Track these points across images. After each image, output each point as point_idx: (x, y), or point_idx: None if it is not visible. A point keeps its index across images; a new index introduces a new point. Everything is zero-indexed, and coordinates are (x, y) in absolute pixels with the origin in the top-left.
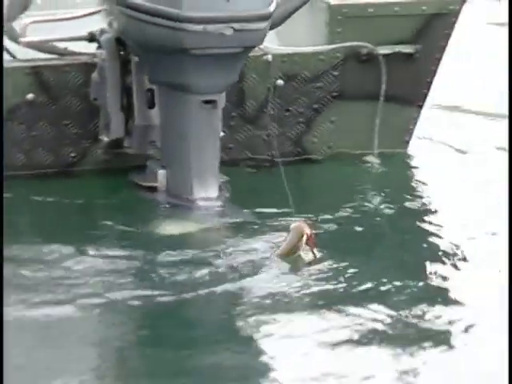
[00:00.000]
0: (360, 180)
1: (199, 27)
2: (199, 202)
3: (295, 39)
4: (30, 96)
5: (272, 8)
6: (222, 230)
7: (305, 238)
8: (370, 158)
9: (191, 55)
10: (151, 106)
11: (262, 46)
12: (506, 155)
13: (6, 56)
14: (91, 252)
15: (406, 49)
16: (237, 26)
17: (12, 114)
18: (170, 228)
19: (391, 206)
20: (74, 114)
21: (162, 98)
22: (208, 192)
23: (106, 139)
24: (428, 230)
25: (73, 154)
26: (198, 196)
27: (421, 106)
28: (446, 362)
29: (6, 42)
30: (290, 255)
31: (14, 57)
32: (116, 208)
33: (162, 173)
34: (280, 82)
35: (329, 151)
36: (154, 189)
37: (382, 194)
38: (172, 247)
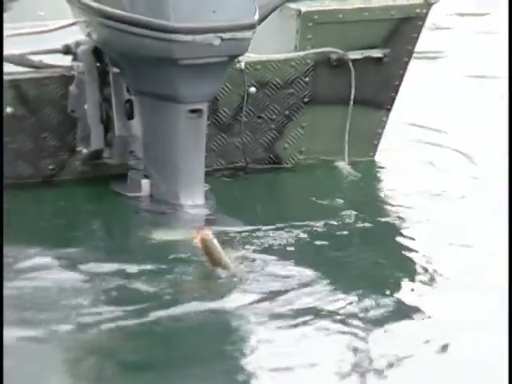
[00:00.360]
0: (332, 188)
1: (188, 37)
2: (186, 210)
3: (265, 47)
4: (9, 109)
5: (257, 17)
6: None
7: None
8: (340, 164)
9: (178, 65)
10: (130, 116)
11: None
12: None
13: None
14: (73, 263)
15: (376, 53)
16: (225, 35)
17: None
18: (157, 236)
19: (363, 213)
20: (53, 126)
21: (145, 108)
22: (195, 199)
23: (84, 151)
24: (401, 243)
25: (51, 167)
26: (185, 203)
27: (389, 110)
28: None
29: None
30: (228, 263)
31: None
32: (100, 217)
33: (145, 182)
34: (252, 89)
35: (300, 156)
36: (137, 198)
37: (353, 203)
38: (160, 256)
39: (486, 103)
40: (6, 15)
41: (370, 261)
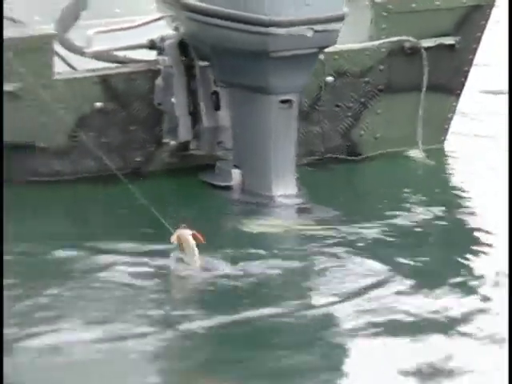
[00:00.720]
0: (407, 177)
1: (283, 30)
2: (279, 199)
3: (341, 37)
4: (98, 104)
5: (346, 9)
6: (307, 228)
7: (191, 239)
8: (414, 151)
9: (271, 57)
10: (217, 108)
11: None
12: None
13: (66, 67)
14: (164, 254)
15: (448, 40)
16: (317, 27)
17: (82, 122)
18: (250, 226)
19: (439, 206)
20: (141, 119)
21: (236, 99)
22: (287, 189)
23: (172, 143)
24: (477, 241)
25: (139, 159)
26: (278, 193)
27: (459, 94)
28: None
29: (63, 54)
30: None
31: (73, 68)
32: (190, 208)
33: (236, 172)
34: (330, 78)
35: (375, 142)
36: (227, 188)
37: (431, 195)
38: (258, 245)
39: None
40: (84, 13)
41: (442, 257)
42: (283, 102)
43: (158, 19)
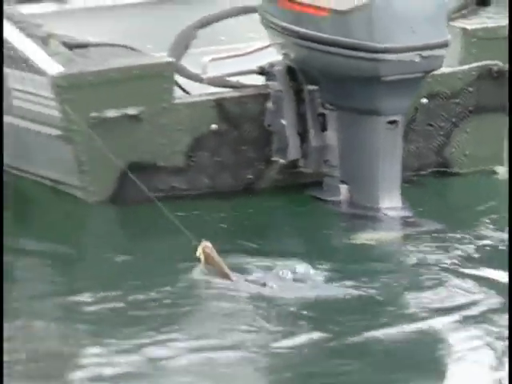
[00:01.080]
0: (496, 195)
1: (392, 56)
2: (386, 212)
3: None
4: (213, 126)
5: (449, 36)
6: (417, 239)
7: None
8: (501, 169)
9: (381, 82)
10: (324, 128)
11: None
12: None
13: (180, 92)
14: (270, 265)
15: None
16: (424, 53)
17: (198, 142)
18: (363, 239)
19: None
20: (252, 139)
21: (344, 121)
22: (393, 203)
23: (282, 161)
24: None
25: (250, 176)
26: (385, 206)
27: None
28: None
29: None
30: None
31: (186, 92)
32: (301, 220)
33: (344, 187)
34: (424, 100)
35: (465, 159)
36: (335, 202)
37: None
38: (366, 258)
39: None
40: (194, 41)
41: None
42: (390, 122)
43: (268, 46)
